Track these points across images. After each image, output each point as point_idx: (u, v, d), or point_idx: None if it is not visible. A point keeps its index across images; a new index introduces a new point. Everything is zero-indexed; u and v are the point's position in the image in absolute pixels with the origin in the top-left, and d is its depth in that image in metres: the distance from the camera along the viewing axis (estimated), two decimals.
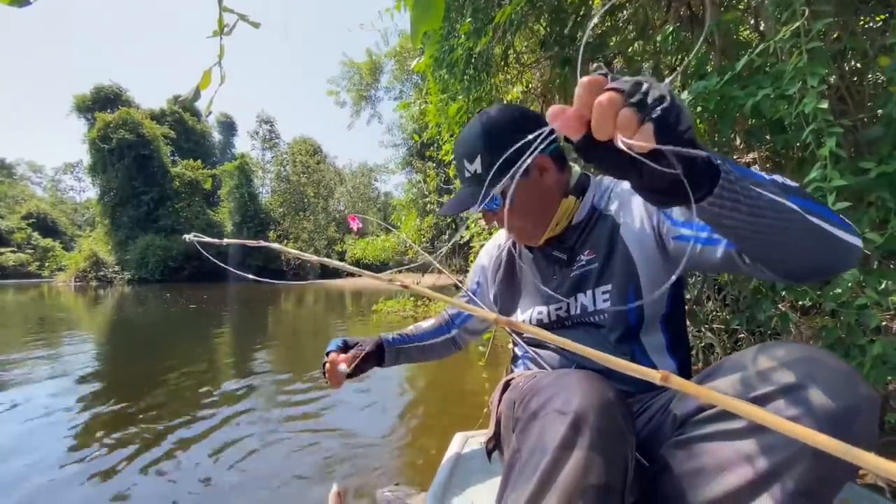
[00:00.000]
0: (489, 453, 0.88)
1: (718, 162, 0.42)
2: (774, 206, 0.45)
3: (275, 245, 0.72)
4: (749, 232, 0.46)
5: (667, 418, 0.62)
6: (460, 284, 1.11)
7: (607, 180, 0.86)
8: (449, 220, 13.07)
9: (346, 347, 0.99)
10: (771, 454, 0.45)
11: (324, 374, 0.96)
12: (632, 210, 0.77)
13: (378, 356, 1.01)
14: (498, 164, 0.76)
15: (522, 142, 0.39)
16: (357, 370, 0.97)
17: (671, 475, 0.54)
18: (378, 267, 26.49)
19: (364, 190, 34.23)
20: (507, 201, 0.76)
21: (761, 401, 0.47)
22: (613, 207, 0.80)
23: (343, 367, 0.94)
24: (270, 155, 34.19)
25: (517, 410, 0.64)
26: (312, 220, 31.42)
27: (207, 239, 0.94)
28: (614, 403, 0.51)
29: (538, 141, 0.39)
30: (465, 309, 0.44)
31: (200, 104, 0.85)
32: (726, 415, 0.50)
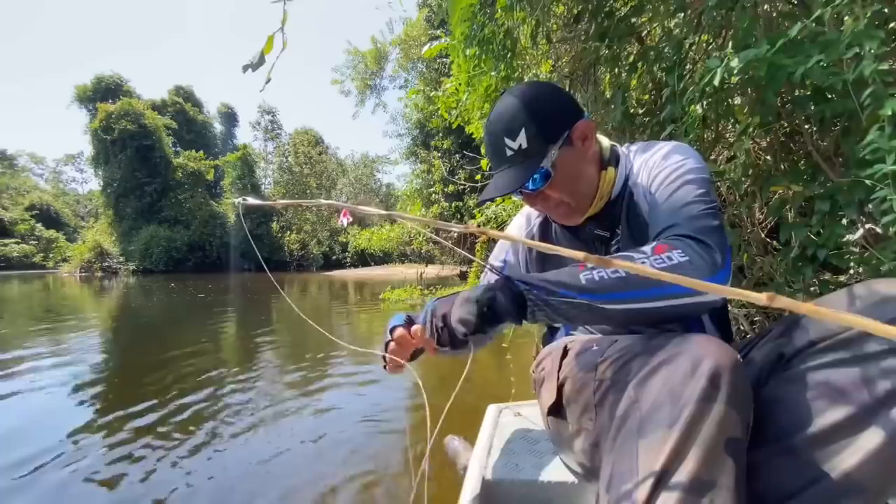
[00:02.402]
0: (546, 416, 0.89)
1: (531, 297, 0.60)
2: (587, 307, 0.59)
3: (332, 202, 0.71)
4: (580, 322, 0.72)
5: (745, 366, 0.63)
6: (483, 263, 1.09)
7: (636, 146, 0.84)
8: (454, 209, 13.03)
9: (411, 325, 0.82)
10: (892, 375, 0.47)
11: (384, 356, 0.81)
12: (650, 183, 0.75)
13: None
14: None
15: None
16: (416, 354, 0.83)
17: (781, 409, 0.55)
18: (382, 258, 26.51)
19: (366, 181, 34.17)
20: (554, 171, 0.74)
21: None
22: (641, 177, 0.78)
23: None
24: (272, 145, 34.15)
25: (605, 372, 0.65)
26: (315, 210, 31.43)
27: (257, 201, 0.93)
28: (741, 363, 0.52)
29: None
30: (556, 251, 0.44)
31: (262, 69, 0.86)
32: (839, 345, 0.51)
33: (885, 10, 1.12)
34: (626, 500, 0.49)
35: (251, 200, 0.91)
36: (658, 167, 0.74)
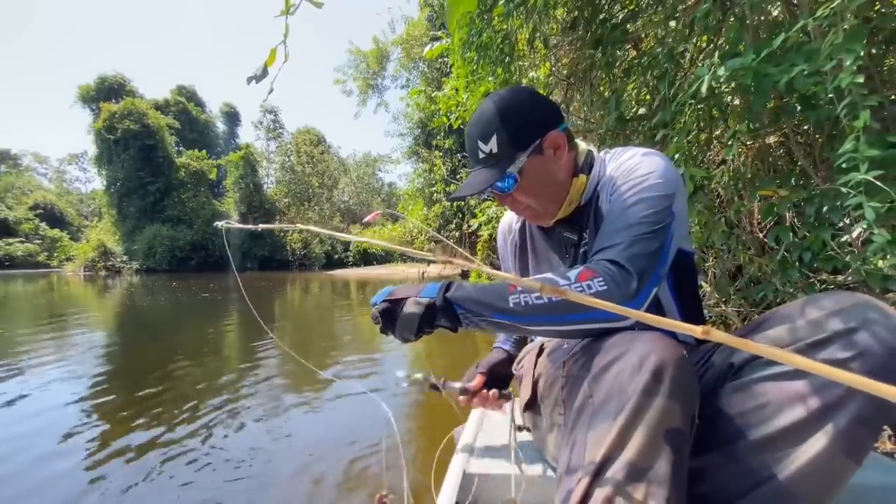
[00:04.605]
0: (523, 412, 0.94)
1: (466, 318, 0.69)
2: (512, 327, 0.67)
3: (312, 228, 0.72)
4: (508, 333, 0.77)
5: (706, 371, 0.67)
6: (481, 266, 1.12)
7: (612, 152, 0.85)
8: (455, 208, 13.07)
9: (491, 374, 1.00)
10: (833, 388, 0.50)
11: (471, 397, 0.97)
12: (612, 191, 0.77)
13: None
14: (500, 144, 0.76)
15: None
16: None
17: (728, 417, 0.58)
18: (384, 257, 26.56)
19: (368, 180, 34.21)
20: (521, 179, 0.77)
21: (819, 345, 0.52)
22: (609, 184, 0.79)
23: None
24: (275, 145, 34.19)
25: (571, 368, 0.70)
26: (317, 210, 31.50)
27: (239, 225, 0.95)
28: (687, 359, 0.54)
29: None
30: (517, 282, 0.48)
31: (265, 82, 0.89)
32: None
33: (872, 13, 1.15)
34: (572, 489, 0.52)
35: (233, 224, 0.93)
36: (623, 177, 0.76)
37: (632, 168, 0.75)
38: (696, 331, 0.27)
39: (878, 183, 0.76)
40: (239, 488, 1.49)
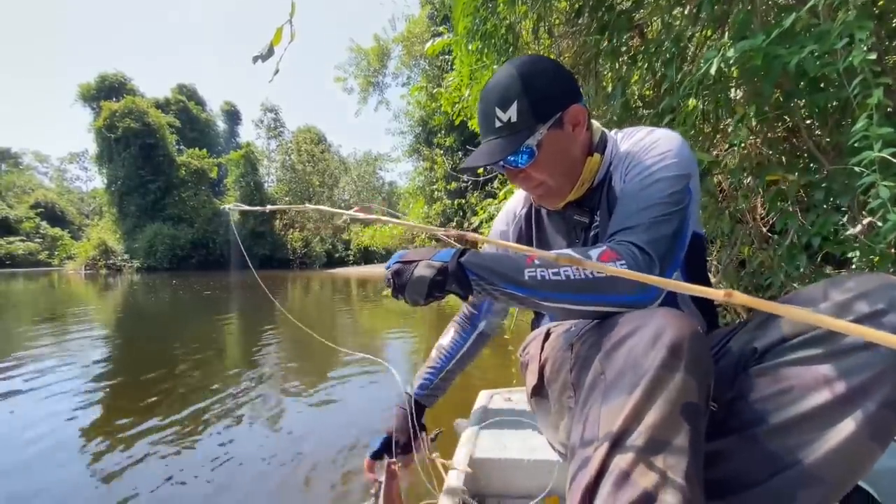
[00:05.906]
0: (530, 398, 0.92)
1: (478, 286, 0.65)
2: (524, 299, 0.64)
3: (321, 207, 0.70)
4: (517, 305, 0.70)
5: (721, 357, 0.65)
6: (488, 240, 1.10)
7: (625, 132, 0.82)
8: (456, 206, 13.06)
9: (387, 446, 0.95)
10: (860, 372, 0.49)
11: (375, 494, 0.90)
12: (627, 172, 0.75)
13: (420, 412, 1.01)
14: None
15: None
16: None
17: (749, 401, 0.56)
18: (384, 255, 26.55)
19: (369, 178, 34.20)
20: (539, 152, 0.73)
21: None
22: (623, 164, 0.76)
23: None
24: (275, 144, 34.17)
25: (580, 349, 0.67)
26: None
27: (247, 207, 0.94)
28: (702, 334, 0.52)
29: None
30: (521, 250, 0.45)
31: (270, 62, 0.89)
32: (811, 342, 0.53)
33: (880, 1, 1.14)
34: (587, 463, 0.51)
35: (241, 206, 0.91)
36: (638, 157, 0.73)
37: (648, 146, 0.73)
38: (719, 294, 0.25)
39: (893, 160, 0.75)
40: (244, 473, 1.49)
